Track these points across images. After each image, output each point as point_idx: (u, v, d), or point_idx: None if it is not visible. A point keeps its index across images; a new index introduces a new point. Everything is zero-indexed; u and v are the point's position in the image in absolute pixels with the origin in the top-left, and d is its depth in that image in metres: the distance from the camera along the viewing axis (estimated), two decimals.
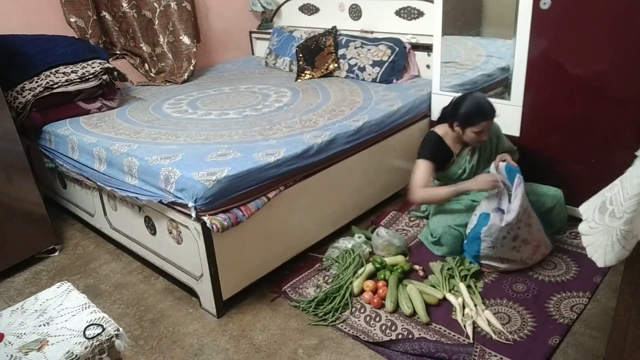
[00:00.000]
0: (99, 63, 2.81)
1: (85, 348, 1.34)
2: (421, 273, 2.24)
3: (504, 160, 2.30)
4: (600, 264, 0.96)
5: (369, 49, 3.29)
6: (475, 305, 1.99)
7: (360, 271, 2.20)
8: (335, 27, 3.54)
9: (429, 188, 2.30)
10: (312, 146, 2.25)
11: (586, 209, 1.02)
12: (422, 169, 2.32)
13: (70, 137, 2.52)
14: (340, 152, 2.41)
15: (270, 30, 4.05)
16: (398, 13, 3.32)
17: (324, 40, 3.44)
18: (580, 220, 1.05)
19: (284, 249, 2.32)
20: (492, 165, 2.29)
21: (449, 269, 2.17)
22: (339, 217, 2.59)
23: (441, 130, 2.40)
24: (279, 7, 4.13)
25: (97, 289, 2.34)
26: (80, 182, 2.59)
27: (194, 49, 3.56)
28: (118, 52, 3.57)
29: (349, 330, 1.96)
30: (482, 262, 2.20)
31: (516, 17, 2.42)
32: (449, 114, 2.31)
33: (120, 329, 1.43)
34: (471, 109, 2.21)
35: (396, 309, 2.03)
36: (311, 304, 2.08)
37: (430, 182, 2.38)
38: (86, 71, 2.73)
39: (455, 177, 2.45)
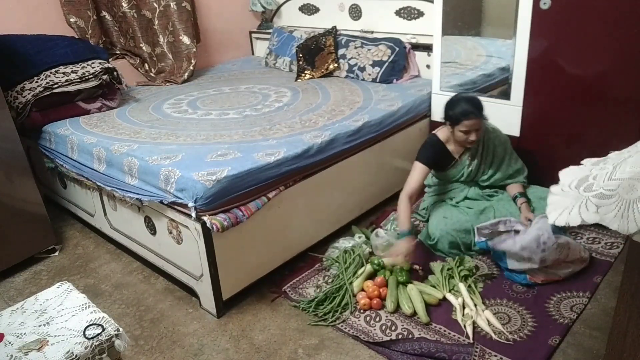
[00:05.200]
0: (99, 63, 2.81)
1: (85, 348, 1.34)
2: (421, 273, 2.24)
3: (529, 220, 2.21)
4: (550, 220, 0.97)
5: (369, 49, 3.29)
6: (475, 305, 1.99)
7: (360, 271, 2.20)
8: (335, 27, 3.54)
9: (406, 203, 2.27)
10: (312, 146, 2.25)
11: (567, 176, 1.02)
12: (417, 172, 2.34)
13: (70, 137, 2.52)
14: (340, 152, 2.41)
15: (270, 30, 4.05)
16: (398, 13, 3.32)
17: (324, 40, 3.44)
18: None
19: (284, 249, 2.32)
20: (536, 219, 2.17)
21: (449, 269, 2.17)
22: (339, 217, 2.59)
23: (442, 133, 2.39)
24: (279, 7, 4.13)
25: (97, 289, 2.34)
26: (80, 182, 2.59)
27: (194, 49, 3.56)
28: (118, 52, 3.57)
29: (349, 330, 1.96)
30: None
31: (516, 17, 2.42)
32: (443, 116, 2.33)
33: (120, 329, 1.43)
34: (456, 108, 2.23)
35: (396, 309, 2.03)
36: (311, 304, 2.08)
37: (421, 185, 2.37)
38: (86, 71, 2.74)
39: (454, 179, 2.47)
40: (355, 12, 3.57)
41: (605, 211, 0.88)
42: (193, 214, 1.91)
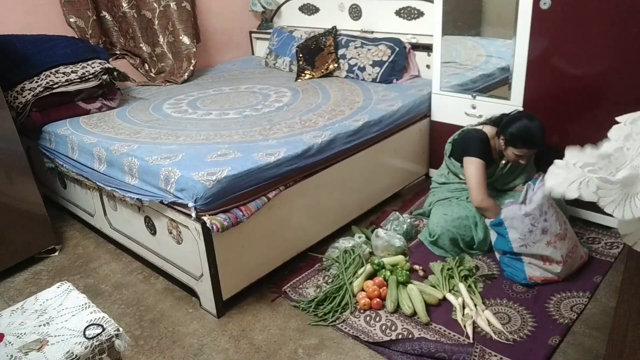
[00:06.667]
0: (99, 63, 2.82)
1: (85, 348, 1.34)
2: (421, 273, 2.24)
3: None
4: (547, 184, 0.98)
5: (369, 49, 3.29)
6: (475, 305, 1.99)
7: (360, 271, 2.20)
8: (335, 27, 3.54)
9: (491, 200, 2.25)
10: (312, 146, 2.25)
11: (573, 155, 1.02)
12: (479, 169, 2.28)
13: (70, 137, 2.52)
14: (340, 152, 2.41)
15: (270, 30, 4.05)
16: (398, 13, 3.32)
17: (324, 40, 3.44)
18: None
19: (284, 249, 2.32)
20: (537, 182, 2.17)
21: (449, 269, 2.17)
22: (339, 217, 2.59)
23: (490, 132, 2.37)
24: (279, 7, 4.13)
25: (97, 289, 2.34)
26: (80, 182, 2.59)
27: (194, 49, 3.56)
28: (118, 52, 3.57)
29: (349, 330, 1.96)
30: (524, 261, 2.12)
31: (516, 17, 2.42)
32: (502, 124, 2.30)
33: (120, 329, 1.43)
34: (521, 133, 2.21)
35: (396, 309, 2.03)
36: (311, 304, 2.08)
37: (486, 178, 2.32)
38: (86, 71, 2.74)
39: None
40: (355, 12, 3.57)
41: (604, 194, 0.89)
42: (193, 214, 1.91)
